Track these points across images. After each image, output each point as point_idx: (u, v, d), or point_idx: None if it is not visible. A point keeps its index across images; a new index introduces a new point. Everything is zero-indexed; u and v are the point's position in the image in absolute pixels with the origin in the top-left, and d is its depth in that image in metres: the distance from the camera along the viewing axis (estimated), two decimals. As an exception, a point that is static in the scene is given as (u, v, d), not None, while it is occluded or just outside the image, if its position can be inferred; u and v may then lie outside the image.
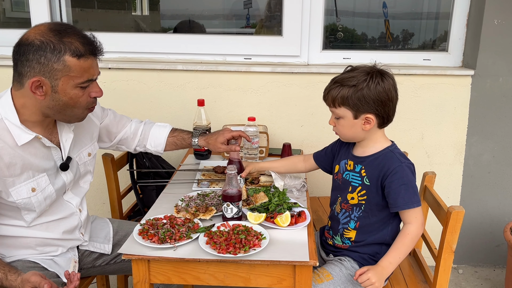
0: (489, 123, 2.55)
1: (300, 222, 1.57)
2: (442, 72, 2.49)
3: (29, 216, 1.46)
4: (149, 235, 1.45)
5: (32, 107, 1.37)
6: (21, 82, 1.34)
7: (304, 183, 1.89)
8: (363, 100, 1.49)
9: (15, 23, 3.05)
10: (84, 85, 1.37)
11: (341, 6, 2.72)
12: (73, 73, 1.33)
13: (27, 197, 1.41)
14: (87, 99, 1.41)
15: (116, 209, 2.06)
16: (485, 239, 2.73)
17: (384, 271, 1.48)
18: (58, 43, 1.30)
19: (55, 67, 1.30)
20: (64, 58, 1.30)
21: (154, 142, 1.87)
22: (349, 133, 1.58)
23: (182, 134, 1.89)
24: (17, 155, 1.37)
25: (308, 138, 2.60)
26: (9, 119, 1.36)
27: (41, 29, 1.32)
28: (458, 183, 2.64)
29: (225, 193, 1.56)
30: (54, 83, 1.32)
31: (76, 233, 1.61)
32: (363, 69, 1.52)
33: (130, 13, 3.07)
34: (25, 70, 1.31)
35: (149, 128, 1.88)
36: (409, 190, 1.51)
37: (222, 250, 1.38)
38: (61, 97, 1.35)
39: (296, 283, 1.39)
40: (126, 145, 1.87)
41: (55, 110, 1.38)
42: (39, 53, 1.29)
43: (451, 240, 1.51)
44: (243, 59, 2.58)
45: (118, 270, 1.78)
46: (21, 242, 1.48)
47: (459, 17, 2.53)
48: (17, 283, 1.30)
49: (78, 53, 1.31)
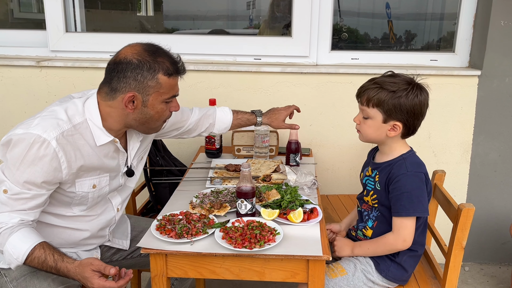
0: (495, 123, 2.58)
1: (312, 219, 1.61)
2: (449, 72, 2.52)
3: (77, 208, 1.54)
4: (167, 230, 1.50)
5: (117, 117, 1.48)
6: (114, 96, 1.45)
7: (315, 180, 1.93)
8: (398, 107, 1.53)
9: (23, 24, 3.09)
10: (168, 100, 1.51)
11: (345, 6, 2.75)
12: (163, 90, 1.46)
13: (87, 191, 1.51)
14: (168, 113, 1.55)
15: (131, 206, 2.12)
16: (491, 237, 2.76)
17: (349, 248, 1.68)
18: (153, 62, 1.42)
19: (149, 84, 1.43)
20: (157, 76, 1.43)
21: (220, 127, 2.00)
22: (373, 134, 1.61)
23: (245, 115, 2.02)
24: (93, 153, 1.48)
25: (317, 138, 2.64)
26: (93, 121, 1.47)
27: (137, 49, 1.44)
28: (464, 181, 2.68)
29: (239, 190, 1.60)
30: (146, 98, 1.45)
31: (106, 230, 1.68)
32: (404, 78, 1.56)
33: (134, 13, 3.10)
34: (121, 85, 1.42)
35: (214, 115, 1.98)
36: (410, 198, 1.54)
37: (238, 244, 1.42)
38: (149, 111, 1.48)
39: (310, 277, 1.43)
40: (188, 134, 1.97)
41: (139, 122, 1.51)
42: (137, 71, 1.41)
43: (461, 237, 1.54)
44: (253, 60, 2.63)
45: (134, 264, 1.83)
46: (58, 232, 1.55)
47: (466, 18, 2.56)
48: (74, 265, 1.36)
49: (169, 72, 1.45)
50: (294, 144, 2.14)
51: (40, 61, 2.55)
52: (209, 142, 2.29)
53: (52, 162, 1.36)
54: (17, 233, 1.37)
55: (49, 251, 1.39)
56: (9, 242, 1.36)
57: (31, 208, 1.40)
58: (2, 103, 2.63)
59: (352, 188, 2.68)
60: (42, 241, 1.39)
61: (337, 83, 2.55)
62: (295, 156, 2.14)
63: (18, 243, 1.36)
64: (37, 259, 1.37)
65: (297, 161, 2.16)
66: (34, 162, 1.34)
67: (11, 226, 1.37)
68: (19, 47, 2.62)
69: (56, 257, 1.38)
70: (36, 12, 2.92)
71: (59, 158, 1.37)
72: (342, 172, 2.69)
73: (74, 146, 1.42)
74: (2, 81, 2.60)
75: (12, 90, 2.61)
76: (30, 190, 1.37)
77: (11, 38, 2.64)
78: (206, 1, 2.96)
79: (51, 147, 1.35)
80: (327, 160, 2.67)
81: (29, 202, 1.39)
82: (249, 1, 2.90)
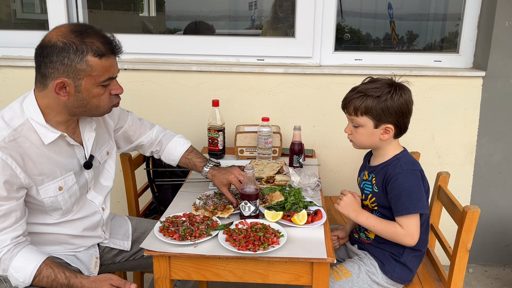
0: (500, 124, 2.57)
1: (316, 221, 1.60)
2: (453, 73, 2.51)
3: (55, 213, 1.50)
4: (170, 232, 1.49)
5: (56, 107, 1.40)
6: (45, 83, 1.36)
7: (318, 182, 1.92)
8: (386, 110, 1.55)
9: (26, 25, 3.09)
10: (105, 83, 1.40)
11: (347, 7, 2.74)
12: (95, 72, 1.36)
13: (54, 195, 1.45)
14: (108, 96, 1.44)
15: (133, 207, 2.11)
16: (495, 239, 2.75)
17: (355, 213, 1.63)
18: (80, 44, 1.32)
19: (78, 67, 1.33)
20: (86, 58, 1.33)
21: (168, 157, 1.87)
22: (367, 141, 1.63)
23: (195, 159, 1.85)
24: (44, 154, 1.41)
25: (320, 139, 2.63)
26: (35, 119, 1.39)
27: (62, 30, 1.34)
28: (468, 183, 2.66)
29: (243, 191, 1.59)
30: (77, 83, 1.35)
31: (98, 230, 1.65)
32: (384, 81, 1.59)
33: (136, 14, 3.09)
34: (49, 71, 1.34)
35: (168, 141, 1.88)
36: (409, 196, 1.54)
37: (242, 247, 1.41)
38: (84, 96, 1.38)
39: (314, 279, 1.42)
40: (142, 150, 1.90)
41: (81, 109, 1.42)
42: (63, 55, 1.31)
43: (466, 239, 1.54)
44: (256, 60, 2.62)
45: (137, 266, 1.82)
46: (47, 238, 1.52)
47: (470, 19, 2.55)
48: (90, 280, 1.37)
49: (99, 52, 1.34)
50: (297, 145, 2.13)
51: (43, 61, 2.54)
52: (212, 143, 2.29)
53: (5, 170, 1.31)
54: (18, 256, 1.36)
55: (58, 269, 1.38)
56: (12, 267, 1.35)
57: (13, 222, 1.36)
58: (5, 104, 2.59)
59: (355, 189, 2.64)
60: (45, 258, 1.39)
61: (341, 84, 2.54)
62: (298, 157, 2.14)
63: (21, 266, 1.35)
64: (46, 278, 1.36)
65: (300, 162, 2.15)
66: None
67: (8, 250, 1.35)
68: (21, 48, 2.61)
69: (67, 274, 1.38)
70: (39, 12, 2.91)
71: (9, 165, 1.31)
72: (346, 173, 2.68)
73: (21, 151, 1.35)
74: (5, 82, 2.60)
75: (15, 91, 2.60)
76: (2, 206, 1.32)
77: (14, 39, 2.63)
78: (208, 2, 2.96)
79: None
80: (331, 161, 2.66)
81: (8, 218, 1.34)
82: (251, 1, 2.89)
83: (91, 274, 1.57)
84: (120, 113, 1.77)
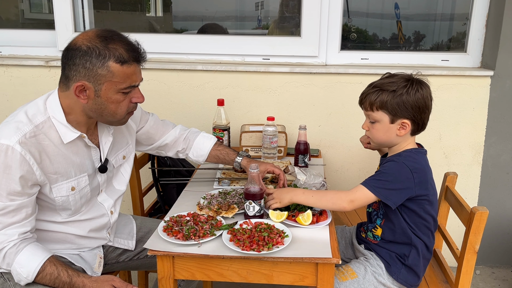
0: (508, 124, 2.54)
1: (321, 221, 1.58)
2: (460, 72, 2.48)
3: (64, 213, 1.51)
4: (174, 232, 1.48)
5: (77, 108, 1.42)
6: (67, 85, 1.39)
7: (324, 182, 1.91)
8: (402, 105, 1.53)
9: (34, 24, 3.10)
10: (126, 90, 1.41)
11: (354, 7, 2.72)
12: (116, 79, 1.37)
13: (66, 195, 1.47)
14: (128, 104, 1.45)
15: (138, 206, 2.11)
16: (502, 240, 2.72)
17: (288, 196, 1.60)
18: (103, 49, 1.34)
19: (99, 72, 1.34)
20: (108, 63, 1.34)
21: (197, 152, 1.88)
22: (383, 137, 1.61)
23: (227, 149, 1.90)
24: (61, 153, 1.43)
25: (326, 138, 2.61)
26: (57, 117, 1.42)
27: (89, 34, 1.37)
28: (476, 183, 2.64)
29: (248, 191, 1.58)
30: (98, 88, 1.37)
31: (104, 232, 1.66)
32: (402, 76, 1.57)
33: (143, 14, 3.10)
34: (72, 74, 1.36)
35: (194, 137, 1.89)
36: (380, 178, 1.53)
37: (246, 247, 1.40)
38: (103, 101, 1.40)
39: (319, 280, 1.41)
40: (165, 150, 1.89)
41: (97, 114, 1.43)
42: (85, 58, 1.33)
43: (474, 241, 1.51)
44: (261, 60, 2.61)
45: (141, 265, 1.82)
46: (53, 236, 1.53)
47: (479, 18, 2.53)
48: (91, 280, 1.38)
49: (121, 59, 1.35)
50: (302, 145, 2.11)
51: (49, 61, 2.56)
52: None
53: (23, 165, 1.32)
54: (24, 251, 1.36)
55: (61, 267, 1.39)
56: (17, 262, 1.35)
57: (23, 218, 1.37)
58: (11, 102, 2.64)
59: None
60: (50, 255, 1.39)
61: (347, 83, 2.52)
62: (303, 157, 2.12)
63: (26, 261, 1.35)
64: (49, 275, 1.37)
65: (305, 162, 2.13)
66: (6, 171, 1.31)
67: (14, 245, 1.36)
68: (28, 47, 2.63)
69: (70, 272, 1.38)
70: (47, 12, 2.93)
71: (27, 161, 1.33)
72: (351, 173, 2.66)
73: (39, 148, 1.37)
74: (11, 81, 2.61)
75: (21, 89, 2.62)
76: (14, 201, 1.34)
77: (20, 38, 2.65)
78: (215, 2, 2.95)
79: (17, 152, 1.31)
80: (336, 161, 2.65)
81: (18, 213, 1.36)
82: (258, 1, 2.88)
83: (94, 273, 1.57)
84: (141, 115, 1.78)
